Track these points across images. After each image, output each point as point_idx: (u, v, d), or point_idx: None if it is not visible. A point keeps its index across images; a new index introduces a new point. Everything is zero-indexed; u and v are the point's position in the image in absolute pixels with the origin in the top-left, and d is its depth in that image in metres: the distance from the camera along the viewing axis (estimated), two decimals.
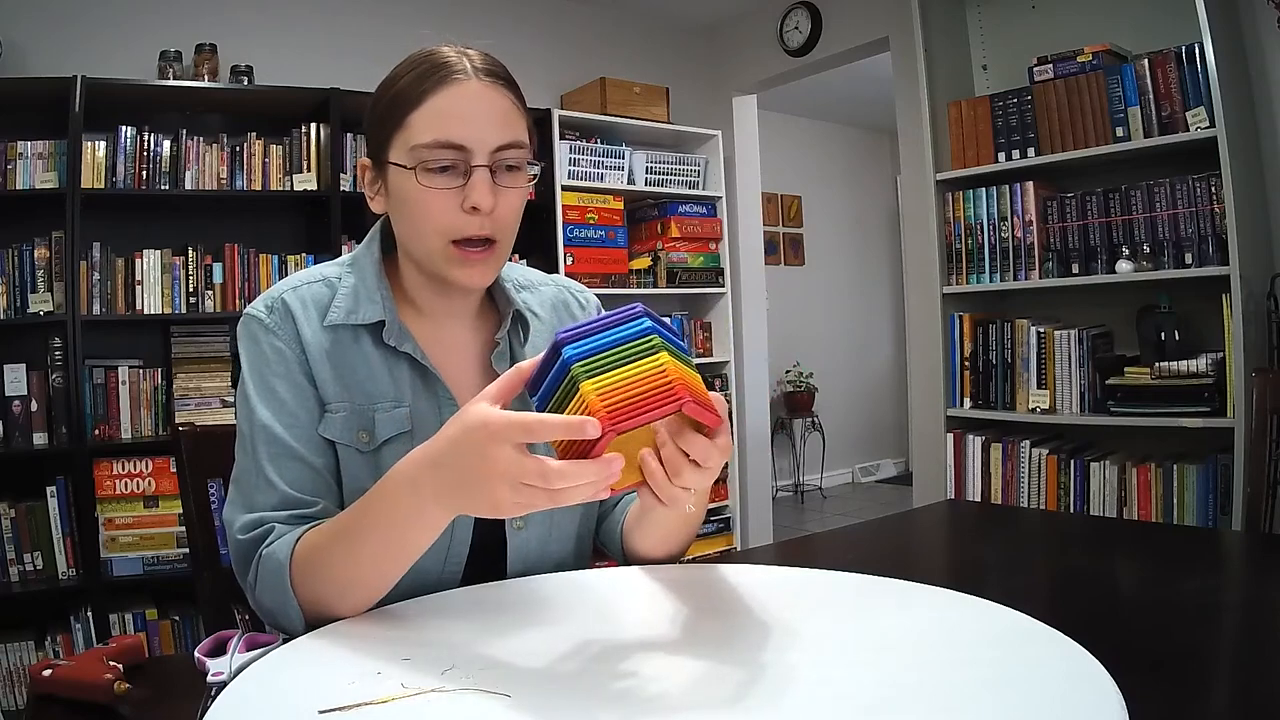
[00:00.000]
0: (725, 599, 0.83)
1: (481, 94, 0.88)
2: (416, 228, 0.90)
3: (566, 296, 1.11)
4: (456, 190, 0.87)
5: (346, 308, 0.92)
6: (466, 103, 0.87)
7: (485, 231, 0.89)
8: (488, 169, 0.87)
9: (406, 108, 0.88)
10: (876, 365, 6.37)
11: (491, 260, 0.91)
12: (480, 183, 0.87)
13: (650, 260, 3.70)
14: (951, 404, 2.85)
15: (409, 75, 0.89)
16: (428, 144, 0.86)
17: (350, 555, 0.77)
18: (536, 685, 0.62)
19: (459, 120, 0.87)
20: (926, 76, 2.89)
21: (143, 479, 2.58)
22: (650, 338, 0.67)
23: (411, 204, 0.88)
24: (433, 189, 0.87)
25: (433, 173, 0.87)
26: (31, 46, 2.73)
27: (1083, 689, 0.57)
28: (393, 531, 0.75)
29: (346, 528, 0.78)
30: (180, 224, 2.84)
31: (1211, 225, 2.33)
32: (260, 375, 0.90)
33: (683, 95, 4.06)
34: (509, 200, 0.90)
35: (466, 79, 0.88)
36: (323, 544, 0.79)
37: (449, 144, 0.86)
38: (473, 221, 0.88)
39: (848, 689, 0.60)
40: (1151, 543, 1.33)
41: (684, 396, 0.65)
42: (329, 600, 0.78)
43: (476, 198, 0.86)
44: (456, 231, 0.88)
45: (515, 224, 0.93)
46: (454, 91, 0.87)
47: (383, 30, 3.35)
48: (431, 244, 0.89)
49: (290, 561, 0.80)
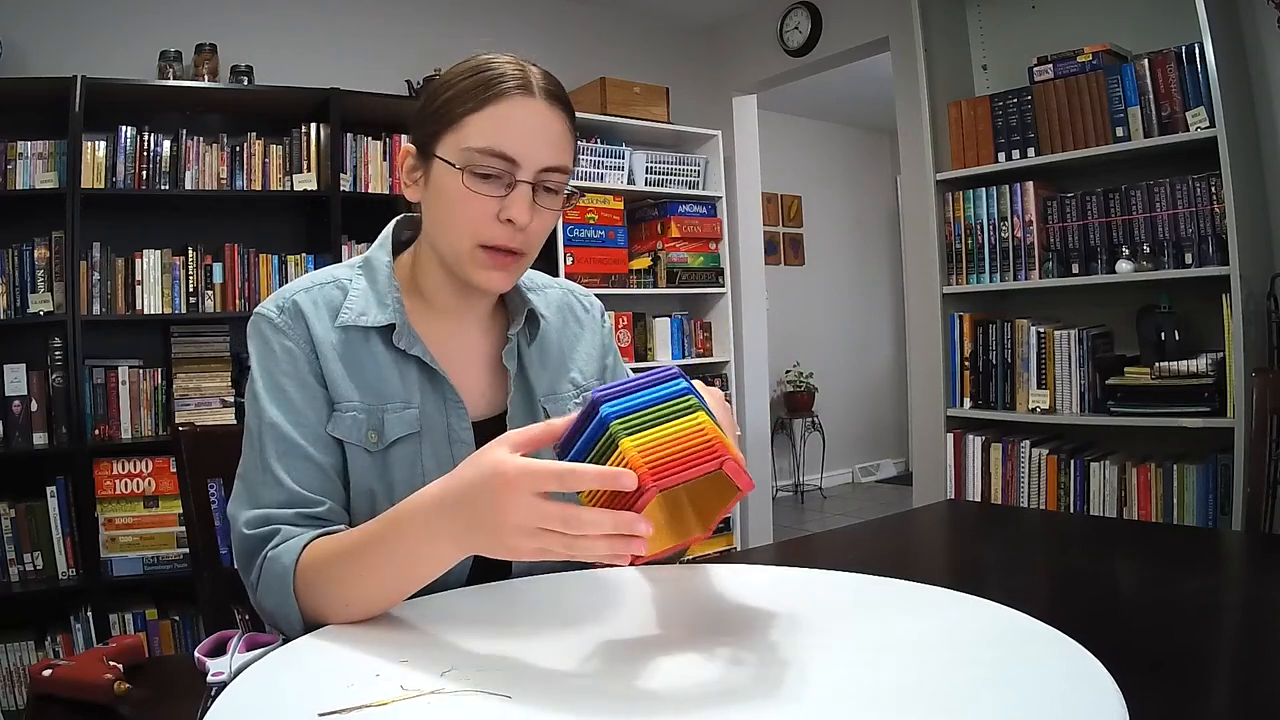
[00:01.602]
0: (725, 599, 0.83)
1: (541, 113, 0.90)
2: (450, 225, 0.91)
3: (571, 300, 1.12)
4: (496, 199, 0.89)
5: (358, 309, 0.93)
6: (525, 118, 0.89)
7: (515, 244, 0.91)
8: (530, 186, 0.89)
9: (466, 109, 0.89)
10: (876, 365, 6.37)
11: (514, 269, 0.93)
12: (521, 198, 0.89)
13: (650, 260, 3.70)
14: (951, 404, 2.85)
15: (473, 78, 0.90)
16: (480, 149, 0.88)
17: (358, 576, 0.77)
18: (537, 686, 0.62)
19: (515, 133, 0.88)
20: (926, 76, 2.89)
21: (143, 479, 2.58)
22: (687, 397, 0.67)
23: (451, 202, 0.90)
24: (475, 193, 0.88)
25: (478, 178, 0.88)
26: (31, 46, 2.73)
27: (1083, 689, 0.57)
28: (403, 563, 0.75)
29: (357, 547, 0.78)
30: (180, 224, 2.83)
31: (1211, 225, 2.33)
32: (270, 374, 0.90)
33: (683, 95, 4.06)
34: (543, 219, 0.92)
35: (531, 96, 0.90)
36: (330, 559, 0.79)
37: (501, 154, 0.88)
38: (504, 232, 0.89)
39: (847, 689, 0.60)
40: (1151, 543, 1.33)
41: (725, 454, 0.65)
42: (330, 613, 0.78)
43: (515, 211, 0.88)
44: (488, 238, 0.90)
45: (543, 240, 0.95)
46: (516, 104, 0.89)
47: (383, 30, 3.36)
48: (461, 244, 0.91)
49: (295, 569, 0.80)
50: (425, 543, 0.73)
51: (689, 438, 0.65)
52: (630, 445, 0.64)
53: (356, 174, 2.99)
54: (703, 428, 0.66)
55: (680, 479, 0.64)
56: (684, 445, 0.65)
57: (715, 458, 0.65)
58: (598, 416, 0.66)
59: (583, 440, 0.67)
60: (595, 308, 1.14)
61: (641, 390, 0.67)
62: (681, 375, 0.69)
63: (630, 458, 0.63)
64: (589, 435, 0.67)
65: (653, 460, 0.63)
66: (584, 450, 0.67)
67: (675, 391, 0.68)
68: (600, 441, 0.66)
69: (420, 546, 0.73)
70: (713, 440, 0.65)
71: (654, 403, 0.67)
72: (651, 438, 0.65)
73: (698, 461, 0.64)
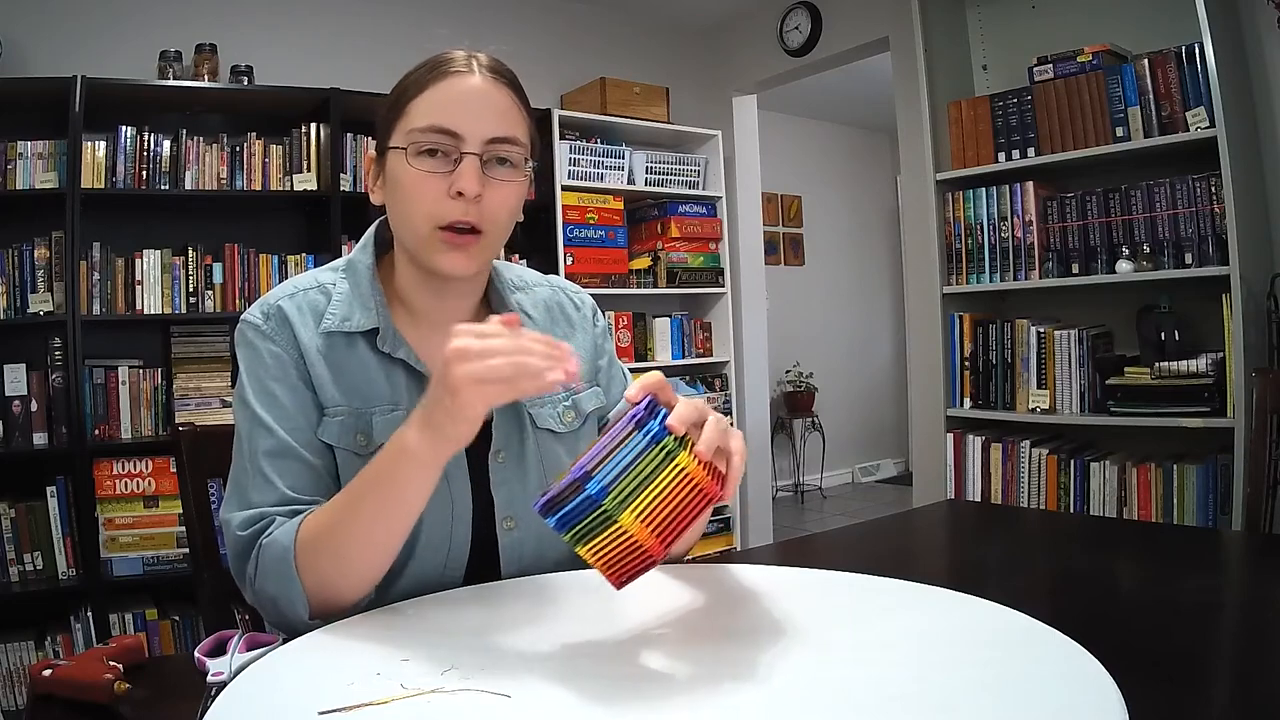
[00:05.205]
0: (725, 599, 0.83)
1: (481, 87, 0.90)
2: (406, 211, 0.91)
3: (561, 298, 1.10)
4: (445, 175, 0.88)
5: (341, 314, 0.93)
6: (465, 93, 0.90)
7: (471, 219, 0.89)
8: (477, 157, 0.89)
9: (409, 97, 0.90)
10: (876, 365, 6.37)
11: (476, 250, 0.91)
12: (468, 169, 0.88)
13: (650, 260, 3.70)
14: (951, 404, 2.85)
15: (418, 71, 0.92)
16: (422, 128, 0.88)
17: (349, 522, 0.79)
18: (536, 685, 0.62)
19: (455, 107, 0.89)
20: (926, 76, 2.89)
21: (143, 479, 2.58)
22: (663, 442, 0.68)
23: (402, 186, 0.90)
24: (421, 171, 0.88)
25: (423, 155, 0.88)
26: (31, 46, 2.73)
27: (1083, 689, 0.57)
28: (385, 487, 0.78)
29: (344, 495, 0.81)
30: (180, 224, 2.83)
31: (1211, 225, 2.33)
32: (258, 379, 0.90)
33: (683, 95, 4.05)
34: (498, 192, 0.90)
35: (470, 73, 0.91)
36: (323, 519, 0.81)
37: (442, 129, 0.88)
38: (458, 207, 0.88)
39: (847, 689, 0.60)
40: (1151, 543, 1.33)
41: (714, 492, 0.69)
42: (332, 578, 0.79)
43: (463, 183, 0.87)
44: (442, 217, 0.89)
45: (506, 218, 0.93)
46: (454, 82, 0.90)
47: (383, 30, 3.36)
48: (419, 229, 0.90)
49: (295, 545, 0.80)
50: (397, 452, 0.77)
51: (680, 487, 0.67)
52: (629, 519, 0.66)
53: (356, 174, 2.99)
54: (688, 474, 0.68)
55: (682, 531, 0.68)
56: (677, 499, 0.67)
57: (705, 499, 0.69)
58: (586, 495, 0.66)
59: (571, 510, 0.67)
60: (587, 305, 1.12)
61: (620, 447, 0.67)
62: (648, 414, 0.69)
63: (634, 532, 0.66)
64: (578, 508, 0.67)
65: (656, 527, 0.67)
66: (574, 520, 0.67)
67: (651, 439, 0.68)
68: (593, 516, 0.67)
69: (395, 459, 0.77)
70: (699, 484, 0.68)
71: (636, 459, 0.67)
72: (645, 503, 0.66)
73: (693, 510, 0.68)
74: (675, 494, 0.67)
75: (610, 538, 0.67)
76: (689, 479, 0.68)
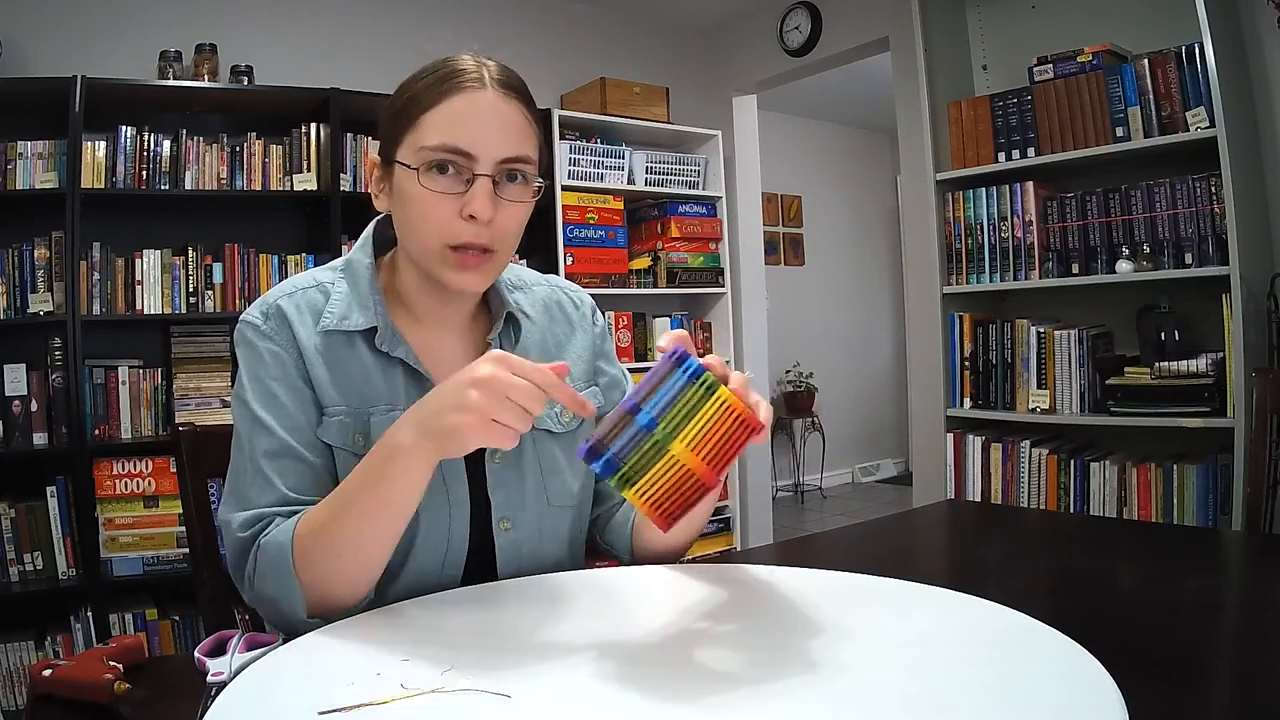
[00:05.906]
0: (725, 599, 0.83)
1: (494, 105, 0.88)
2: (416, 228, 0.90)
3: (560, 297, 1.10)
4: (457, 196, 0.87)
5: (340, 313, 0.93)
6: (478, 111, 0.87)
7: (483, 240, 0.88)
8: (490, 179, 0.87)
9: (419, 109, 0.88)
10: (876, 365, 6.37)
11: (486, 267, 0.91)
12: (481, 192, 0.86)
13: (650, 260, 3.70)
14: (951, 404, 2.85)
15: (427, 78, 0.89)
16: (434, 146, 0.86)
17: (341, 520, 0.79)
18: (536, 685, 0.62)
19: (468, 127, 0.87)
20: (926, 76, 2.89)
21: (143, 479, 2.58)
22: (703, 376, 0.70)
23: (413, 205, 0.88)
24: (434, 192, 0.87)
25: (436, 176, 0.87)
26: (31, 46, 2.73)
27: (1083, 689, 0.57)
28: (379, 484, 0.78)
29: (337, 494, 0.82)
30: (180, 224, 2.83)
31: (1211, 225, 2.33)
32: (258, 379, 0.90)
33: (683, 95, 4.05)
34: (510, 212, 0.90)
35: (482, 88, 0.88)
36: (319, 516, 0.82)
37: (455, 149, 0.86)
38: (469, 229, 0.87)
39: (847, 689, 0.60)
40: (1151, 543, 1.32)
41: (756, 423, 0.71)
42: (328, 576, 0.79)
43: (476, 207, 0.86)
44: (454, 237, 0.88)
45: (515, 235, 0.93)
46: (467, 98, 0.87)
47: (383, 30, 3.36)
48: (429, 247, 0.89)
49: (293, 543, 0.80)
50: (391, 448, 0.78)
51: (724, 417, 0.70)
52: (680, 447, 0.68)
53: (356, 174, 2.99)
54: (730, 406, 0.70)
55: (731, 460, 0.71)
56: (723, 429, 0.70)
57: (749, 429, 0.71)
58: (636, 424, 0.69)
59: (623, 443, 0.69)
60: (586, 305, 1.11)
61: (663, 384, 0.70)
62: (686, 353, 0.72)
63: (686, 460, 0.69)
64: (632, 438, 0.69)
65: (707, 455, 0.69)
66: (624, 457, 0.69)
67: (691, 374, 0.70)
68: (644, 448, 0.69)
69: (388, 455, 0.78)
70: (741, 415, 0.71)
71: (679, 393, 0.70)
72: (693, 432, 0.69)
73: (740, 439, 0.71)
74: (721, 424, 0.70)
75: (662, 470, 0.69)
76: (732, 410, 0.70)
